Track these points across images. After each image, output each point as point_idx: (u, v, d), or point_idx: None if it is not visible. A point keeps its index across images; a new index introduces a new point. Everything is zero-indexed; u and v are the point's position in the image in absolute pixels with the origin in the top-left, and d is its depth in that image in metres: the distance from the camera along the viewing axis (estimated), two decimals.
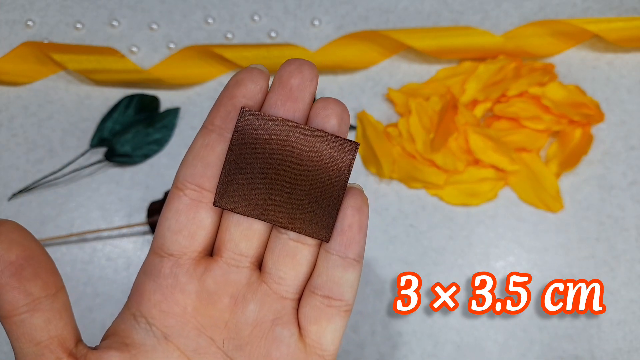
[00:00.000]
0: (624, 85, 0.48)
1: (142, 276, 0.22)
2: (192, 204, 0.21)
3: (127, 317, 0.21)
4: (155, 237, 0.21)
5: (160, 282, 0.21)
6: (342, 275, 0.21)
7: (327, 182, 0.21)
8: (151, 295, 0.21)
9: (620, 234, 0.44)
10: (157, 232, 0.21)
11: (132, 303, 0.21)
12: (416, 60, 0.50)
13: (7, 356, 0.44)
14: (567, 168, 0.45)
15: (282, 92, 0.20)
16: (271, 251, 0.21)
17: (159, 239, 0.21)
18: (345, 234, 0.21)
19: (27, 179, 0.48)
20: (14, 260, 0.19)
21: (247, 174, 0.20)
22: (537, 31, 0.48)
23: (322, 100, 0.21)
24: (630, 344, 0.42)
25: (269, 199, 0.21)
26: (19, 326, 0.19)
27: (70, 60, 0.49)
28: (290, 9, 0.52)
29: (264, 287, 0.21)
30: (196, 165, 0.20)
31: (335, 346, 0.21)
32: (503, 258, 0.44)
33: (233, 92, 0.20)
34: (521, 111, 0.46)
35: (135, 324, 0.21)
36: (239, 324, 0.21)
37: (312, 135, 0.20)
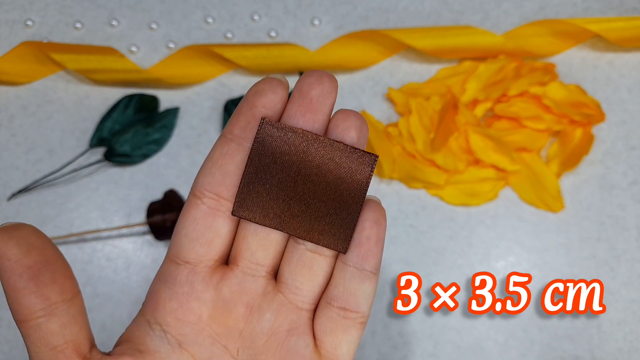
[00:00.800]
0: (625, 85, 0.48)
1: (157, 283, 0.21)
2: (210, 212, 0.21)
3: (141, 323, 0.21)
4: (172, 245, 0.21)
5: (176, 289, 0.21)
6: (359, 287, 0.21)
7: (345, 194, 0.21)
8: (166, 302, 0.21)
9: (620, 234, 0.44)
10: (173, 239, 0.21)
11: (147, 310, 0.21)
12: (416, 59, 0.50)
13: (7, 356, 0.44)
14: (567, 168, 0.45)
15: (302, 103, 0.20)
16: (288, 261, 0.21)
17: (175, 246, 0.21)
18: (363, 246, 0.21)
19: (27, 179, 0.48)
20: (32, 264, 0.19)
21: (266, 184, 0.21)
22: (537, 31, 0.48)
23: (342, 112, 0.21)
24: (630, 344, 0.42)
25: (287, 210, 0.21)
26: (35, 330, 0.19)
27: (70, 60, 0.49)
28: (290, 9, 0.52)
29: (279, 296, 0.21)
30: (215, 173, 0.20)
31: (350, 358, 0.21)
32: (503, 258, 0.44)
33: (253, 102, 0.20)
34: (522, 111, 0.46)
35: (150, 331, 0.21)
36: (254, 333, 0.21)
37: (332, 147, 0.20)
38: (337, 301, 0.21)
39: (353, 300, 0.21)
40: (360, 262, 0.21)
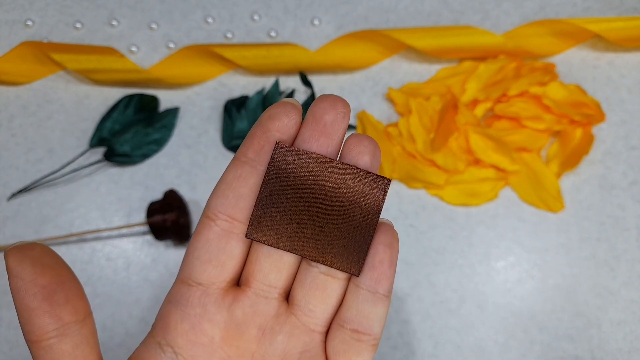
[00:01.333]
0: (625, 84, 0.48)
1: (168, 305, 0.21)
2: (223, 234, 0.21)
3: (151, 345, 0.21)
4: (183, 266, 0.21)
5: (187, 311, 0.21)
6: (372, 310, 0.21)
7: (358, 217, 0.21)
8: (178, 324, 0.21)
9: (621, 234, 0.44)
10: (184, 261, 0.21)
11: (157, 332, 0.21)
12: (416, 59, 0.50)
13: (6, 356, 0.44)
14: (567, 168, 0.45)
15: (316, 128, 0.21)
16: (301, 284, 0.21)
17: (187, 268, 0.21)
18: (376, 270, 0.21)
19: (27, 179, 0.48)
20: (46, 284, 0.19)
21: (280, 207, 0.21)
22: (537, 31, 0.48)
23: (355, 137, 0.21)
24: (630, 344, 0.42)
25: (301, 233, 0.21)
26: (46, 351, 0.19)
27: (70, 59, 0.49)
28: (290, 9, 0.52)
29: (292, 318, 0.21)
30: (228, 195, 0.21)
31: None
32: (503, 258, 0.44)
33: (267, 126, 0.20)
34: (522, 111, 0.46)
35: (161, 353, 0.21)
36: (267, 355, 0.21)
37: (345, 171, 0.21)
38: (350, 324, 0.21)
39: (366, 323, 0.21)
40: (373, 285, 0.21)
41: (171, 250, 0.45)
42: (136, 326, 0.44)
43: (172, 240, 0.45)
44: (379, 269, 0.21)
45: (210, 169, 0.47)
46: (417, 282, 0.44)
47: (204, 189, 0.47)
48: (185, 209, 0.45)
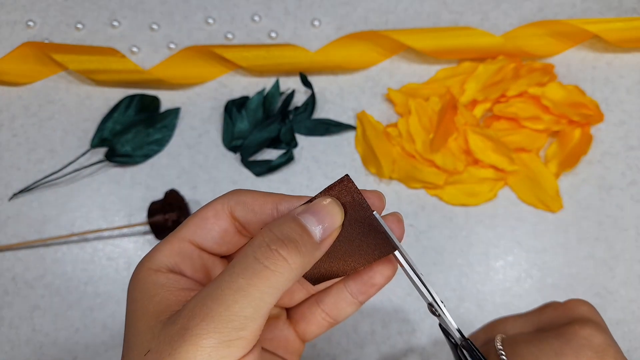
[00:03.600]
0: (623, 85, 0.48)
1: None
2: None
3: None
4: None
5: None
6: (346, 307, 0.25)
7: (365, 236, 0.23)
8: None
9: (619, 234, 0.45)
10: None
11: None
12: (416, 60, 0.50)
13: (7, 355, 0.44)
14: (566, 168, 0.45)
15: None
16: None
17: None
18: (367, 288, 0.25)
19: (28, 179, 0.48)
20: None
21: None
22: (536, 32, 0.48)
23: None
24: (629, 344, 0.42)
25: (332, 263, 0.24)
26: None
27: (71, 60, 0.49)
28: (290, 10, 0.52)
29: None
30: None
31: (313, 338, 0.27)
32: (502, 258, 0.45)
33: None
34: (520, 111, 0.46)
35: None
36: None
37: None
38: (325, 306, 0.26)
39: (336, 313, 0.26)
40: (356, 295, 0.25)
41: None
42: None
43: None
44: (369, 290, 0.25)
45: (211, 169, 0.47)
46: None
47: (205, 189, 0.47)
48: (186, 208, 0.45)
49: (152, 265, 0.23)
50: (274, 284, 0.20)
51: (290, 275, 0.20)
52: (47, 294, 0.45)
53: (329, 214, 0.22)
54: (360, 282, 0.25)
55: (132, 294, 0.22)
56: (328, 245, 0.22)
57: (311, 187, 0.47)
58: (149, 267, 0.23)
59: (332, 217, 0.22)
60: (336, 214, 0.22)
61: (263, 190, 0.47)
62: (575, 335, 0.26)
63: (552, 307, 0.30)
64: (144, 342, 0.20)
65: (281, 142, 0.48)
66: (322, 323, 0.26)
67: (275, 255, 0.20)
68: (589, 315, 0.28)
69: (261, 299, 0.19)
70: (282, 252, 0.20)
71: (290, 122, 0.48)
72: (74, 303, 0.45)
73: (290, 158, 0.47)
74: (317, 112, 0.49)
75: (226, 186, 0.47)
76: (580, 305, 0.29)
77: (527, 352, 0.26)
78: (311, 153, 0.48)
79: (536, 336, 0.27)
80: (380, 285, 0.25)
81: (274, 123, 0.47)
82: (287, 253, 0.20)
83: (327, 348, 0.43)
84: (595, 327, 0.27)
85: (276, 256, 0.20)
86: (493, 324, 0.31)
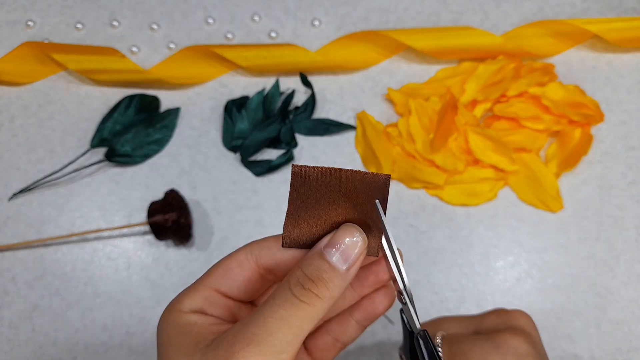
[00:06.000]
0: (624, 85, 0.48)
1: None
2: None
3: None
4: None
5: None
6: (353, 333, 0.28)
7: (369, 211, 0.24)
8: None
9: (619, 234, 0.45)
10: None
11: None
12: (416, 60, 0.50)
13: (7, 355, 0.44)
14: (566, 168, 0.45)
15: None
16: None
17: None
18: (370, 317, 0.28)
19: (28, 179, 0.48)
20: None
21: (307, 216, 0.24)
22: (536, 31, 0.48)
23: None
24: (629, 344, 0.42)
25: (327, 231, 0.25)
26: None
27: (71, 60, 0.49)
28: (290, 10, 0.52)
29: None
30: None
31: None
32: (503, 258, 0.45)
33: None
34: (521, 111, 0.46)
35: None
36: None
37: (351, 174, 0.24)
38: (334, 334, 0.28)
39: (345, 338, 0.28)
40: (361, 321, 0.28)
41: (172, 250, 0.46)
42: (137, 325, 0.44)
43: (172, 240, 0.45)
44: (372, 317, 0.28)
45: (211, 169, 0.47)
46: (416, 282, 0.44)
47: (205, 189, 0.47)
48: (186, 208, 0.45)
49: (181, 308, 0.25)
50: (311, 314, 0.23)
51: (323, 305, 0.23)
52: (46, 294, 0.45)
53: (351, 245, 0.23)
54: (364, 312, 0.28)
55: (165, 334, 0.24)
56: (355, 270, 0.24)
57: None
58: (179, 309, 0.25)
59: (353, 245, 0.23)
60: (357, 242, 0.23)
61: (263, 190, 0.47)
62: (505, 342, 0.29)
63: (496, 313, 0.32)
64: None
65: (281, 142, 0.48)
66: (333, 348, 0.29)
67: (309, 293, 0.23)
68: (525, 326, 0.31)
69: (300, 327, 0.22)
70: (314, 291, 0.23)
71: (290, 122, 0.48)
72: (73, 303, 0.45)
73: (291, 158, 0.47)
74: (317, 112, 0.49)
75: (226, 186, 0.47)
76: (520, 316, 0.32)
77: (460, 350, 0.29)
78: (311, 153, 0.48)
79: (471, 337, 0.30)
80: (382, 313, 0.28)
81: (274, 123, 0.47)
82: (318, 290, 0.23)
83: None
84: (526, 338, 0.30)
85: (309, 294, 0.23)
86: (438, 321, 0.34)
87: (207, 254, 0.45)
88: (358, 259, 0.23)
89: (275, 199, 0.46)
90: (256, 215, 0.46)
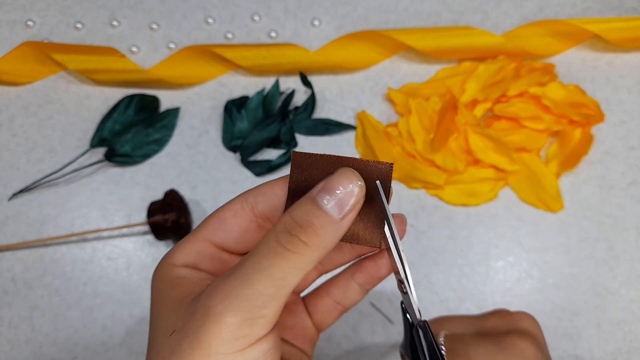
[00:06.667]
0: (624, 85, 0.48)
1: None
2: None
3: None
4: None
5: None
6: (355, 296, 0.28)
7: (371, 199, 0.23)
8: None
9: (620, 234, 0.45)
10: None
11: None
12: (416, 60, 0.50)
13: (7, 355, 0.44)
14: (567, 168, 0.45)
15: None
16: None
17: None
18: (373, 279, 0.27)
19: (28, 179, 0.48)
20: None
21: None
22: (537, 31, 0.48)
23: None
24: (630, 344, 0.42)
25: None
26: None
27: (71, 60, 0.49)
28: (290, 9, 0.52)
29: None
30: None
31: (329, 325, 0.29)
32: (503, 258, 0.45)
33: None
34: (521, 111, 0.46)
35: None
36: None
37: (353, 162, 0.23)
38: (335, 297, 0.28)
39: (346, 301, 0.28)
40: (364, 285, 0.27)
41: None
42: (136, 325, 0.44)
43: (172, 240, 0.45)
44: (375, 279, 0.27)
45: (211, 169, 0.47)
46: (417, 282, 0.44)
47: (205, 189, 0.47)
48: (185, 208, 0.45)
49: (173, 261, 0.23)
50: (297, 264, 0.20)
51: (312, 256, 0.20)
52: (46, 294, 0.45)
53: (347, 192, 0.21)
54: (367, 275, 0.27)
55: (156, 286, 0.23)
56: (350, 219, 0.21)
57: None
58: (170, 262, 0.23)
59: (350, 192, 0.21)
60: (354, 188, 0.21)
61: None
62: (512, 344, 0.29)
63: (499, 314, 0.32)
64: (169, 324, 0.21)
65: (281, 142, 0.48)
66: (333, 312, 0.28)
67: (296, 240, 0.20)
68: (530, 329, 0.30)
69: (283, 278, 0.20)
70: (302, 237, 0.20)
71: (290, 122, 0.48)
72: (73, 303, 0.45)
73: (290, 158, 0.47)
74: (317, 111, 0.49)
75: (226, 186, 0.47)
76: (525, 318, 0.31)
77: (464, 351, 0.28)
78: None
79: (476, 338, 0.30)
80: (385, 276, 0.27)
81: (273, 123, 0.47)
82: (306, 237, 0.20)
83: (327, 348, 0.43)
84: (532, 341, 0.29)
85: (296, 241, 0.20)
86: (441, 320, 0.33)
87: None
88: (354, 207, 0.21)
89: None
90: None
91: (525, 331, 0.30)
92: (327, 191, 0.21)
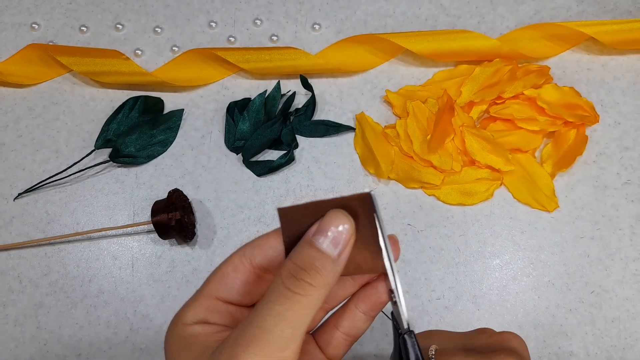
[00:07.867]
0: (618, 87, 0.49)
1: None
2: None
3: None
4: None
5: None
6: (362, 325, 0.28)
7: (364, 231, 0.24)
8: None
9: (614, 233, 0.45)
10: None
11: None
12: (413, 63, 0.51)
13: (12, 353, 0.44)
14: (561, 168, 0.46)
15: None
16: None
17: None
18: (376, 305, 0.28)
19: (33, 179, 0.48)
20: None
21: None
22: (532, 34, 0.49)
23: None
24: (624, 341, 0.43)
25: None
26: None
27: (76, 62, 0.49)
28: (291, 14, 0.53)
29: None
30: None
31: (342, 357, 0.29)
32: (498, 256, 0.45)
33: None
34: (516, 113, 0.46)
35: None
36: None
37: (335, 202, 0.23)
38: (344, 329, 0.28)
39: (355, 331, 0.28)
40: (368, 312, 0.28)
41: (175, 249, 0.46)
42: (141, 322, 0.45)
43: (176, 239, 0.46)
44: (377, 306, 0.28)
45: (214, 170, 0.48)
46: (414, 280, 0.45)
47: (208, 189, 0.48)
48: (189, 208, 0.46)
49: (185, 320, 0.25)
50: (307, 305, 0.22)
51: (319, 295, 0.22)
52: (51, 292, 0.46)
53: (339, 230, 0.23)
54: (369, 302, 0.28)
55: (171, 348, 0.24)
56: (346, 255, 0.23)
57: (312, 186, 0.47)
58: (181, 322, 0.25)
59: (342, 231, 0.23)
60: (345, 226, 0.23)
61: (264, 190, 0.47)
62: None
63: (487, 334, 0.32)
64: None
65: (282, 143, 0.48)
66: (344, 343, 0.28)
67: (302, 283, 0.22)
68: (519, 349, 0.31)
69: (298, 320, 0.22)
70: (307, 279, 0.22)
71: (291, 124, 0.49)
72: (78, 301, 0.45)
73: (291, 159, 0.48)
74: (317, 113, 0.50)
75: (228, 186, 0.48)
76: (513, 338, 0.32)
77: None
78: (311, 154, 0.48)
79: (466, 355, 0.30)
80: (387, 301, 0.28)
81: (275, 124, 0.48)
82: (311, 279, 0.22)
83: None
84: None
85: (303, 284, 0.22)
86: (429, 334, 0.34)
87: (210, 252, 0.46)
88: (348, 243, 0.23)
89: (276, 198, 0.47)
90: (257, 215, 0.47)
91: (514, 350, 0.30)
92: (321, 232, 0.23)
